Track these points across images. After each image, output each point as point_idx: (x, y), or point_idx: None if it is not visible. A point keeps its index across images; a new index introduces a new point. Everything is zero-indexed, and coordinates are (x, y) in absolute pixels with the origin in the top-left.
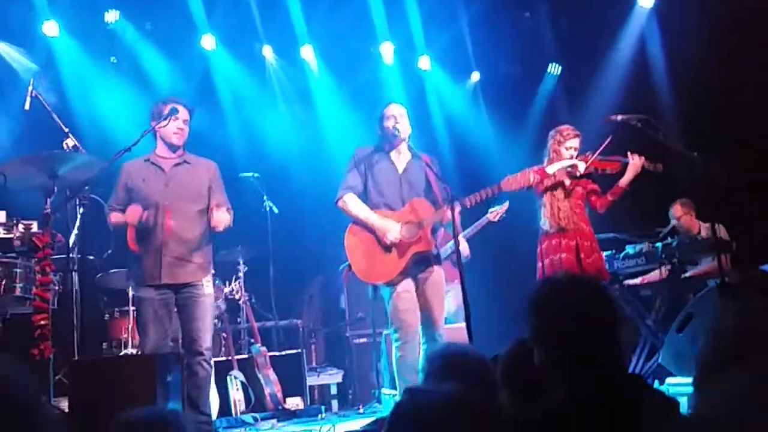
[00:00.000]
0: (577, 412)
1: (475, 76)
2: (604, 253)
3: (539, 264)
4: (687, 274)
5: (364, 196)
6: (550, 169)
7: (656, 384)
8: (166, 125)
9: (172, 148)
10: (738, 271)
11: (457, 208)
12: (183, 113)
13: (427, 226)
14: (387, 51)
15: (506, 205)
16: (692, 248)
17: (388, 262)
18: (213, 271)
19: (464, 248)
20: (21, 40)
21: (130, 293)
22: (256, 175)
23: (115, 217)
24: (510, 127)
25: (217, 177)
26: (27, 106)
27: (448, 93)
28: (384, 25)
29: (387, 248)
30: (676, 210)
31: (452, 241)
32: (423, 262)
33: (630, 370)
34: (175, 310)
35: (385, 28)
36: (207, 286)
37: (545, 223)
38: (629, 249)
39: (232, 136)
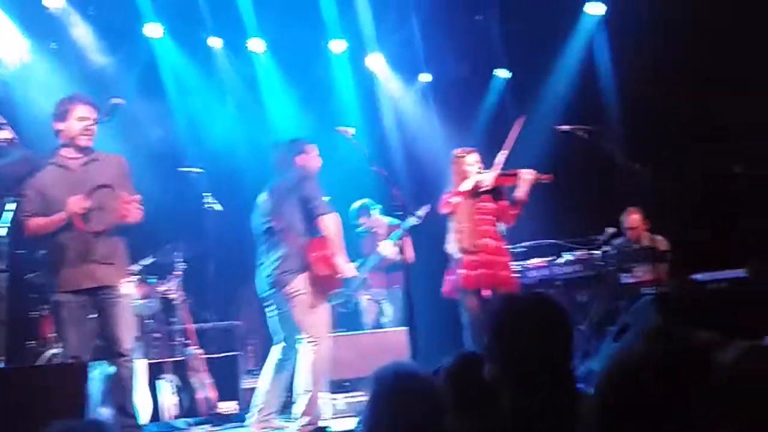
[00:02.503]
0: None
1: (426, 77)
2: (545, 259)
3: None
4: (626, 281)
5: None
6: (463, 187)
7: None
8: (89, 125)
9: (80, 150)
10: (673, 281)
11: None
12: (91, 113)
13: None
14: (338, 48)
15: (429, 206)
16: (628, 256)
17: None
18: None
19: (395, 252)
20: None
21: None
22: (198, 170)
23: (41, 221)
24: (459, 129)
25: (127, 171)
26: None
27: (398, 92)
28: (335, 21)
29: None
30: (634, 220)
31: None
32: None
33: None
34: (94, 314)
35: (336, 24)
36: (124, 286)
37: (451, 244)
38: (567, 255)
39: (176, 129)
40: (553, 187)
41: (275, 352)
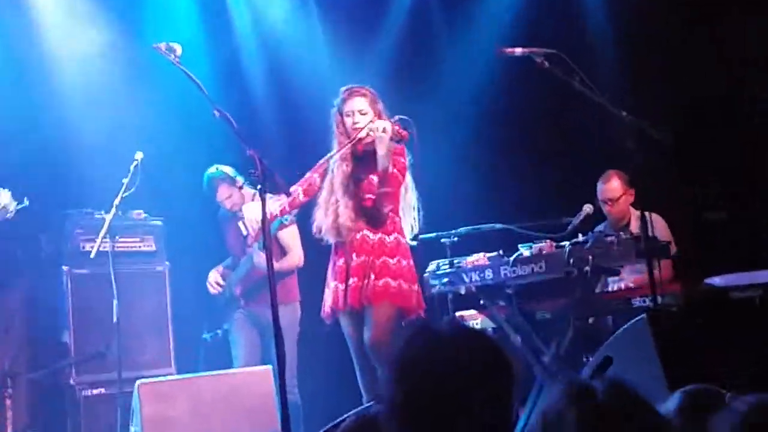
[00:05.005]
0: None
1: None
2: (490, 254)
3: None
4: (609, 289)
5: None
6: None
7: None
8: None
9: None
10: (681, 287)
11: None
12: None
13: None
14: None
15: None
16: (613, 250)
17: None
18: None
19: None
20: None
21: None
22: None
23: None
24: (354, 50)
25: None
26: None
27: None
28: None
29: None
30: (613, 187)
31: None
32: None
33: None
34: None
35: None
36: None
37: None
38: (523, 249)
39: None
40: (499, 143)
41: None
